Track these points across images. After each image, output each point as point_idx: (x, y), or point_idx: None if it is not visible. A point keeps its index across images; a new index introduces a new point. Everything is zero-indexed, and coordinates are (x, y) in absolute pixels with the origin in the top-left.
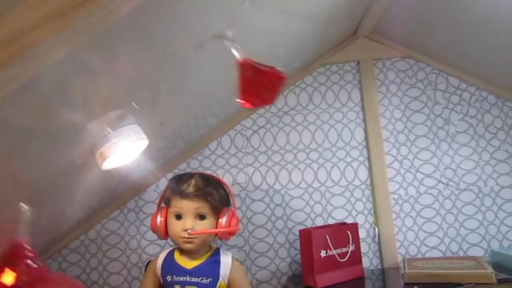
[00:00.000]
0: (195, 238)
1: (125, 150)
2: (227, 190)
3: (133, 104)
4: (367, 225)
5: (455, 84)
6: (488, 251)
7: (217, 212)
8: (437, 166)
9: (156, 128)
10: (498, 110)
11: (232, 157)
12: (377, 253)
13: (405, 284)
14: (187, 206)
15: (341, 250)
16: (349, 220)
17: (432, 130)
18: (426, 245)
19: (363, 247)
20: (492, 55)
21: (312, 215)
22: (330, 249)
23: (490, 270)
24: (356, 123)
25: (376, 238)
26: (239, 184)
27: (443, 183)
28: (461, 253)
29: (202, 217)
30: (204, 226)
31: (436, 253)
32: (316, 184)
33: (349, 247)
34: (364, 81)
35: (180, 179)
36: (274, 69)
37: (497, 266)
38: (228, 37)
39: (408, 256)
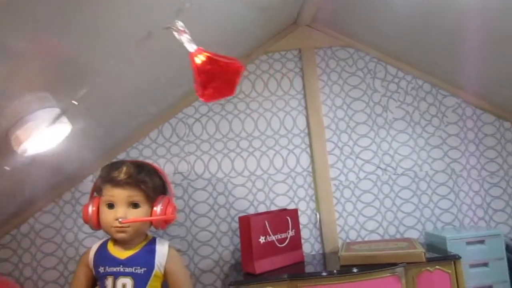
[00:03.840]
0: (128, 227)
1: (44, 134)
2: (163, 178)
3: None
4: (308, 211)
5: (393, 73)
6: (423, 233)
7: (151, 200)
8: (376, 152)
9: (88, 115)
10: (432, 98)
11: (173, 145)
12: (319, 239)
13: (341, 266)
14: (119, 194)
15: (280, 236)
16: (292, 207)
17: (371, 117)
18: (366, 229)
19: (305, 233)
20: (428, 46)
21: (255, 203)
22: (269, 235)
23: (420, 249)
24: (298, 110)
25: (318, 224)
26: (181, 173)
27: (381, 168)
28: (398, 236)
29: (135, 205)
30: (138, 215)
31: (375, 237)
32: (259, 172)
33: (288, 232)
34: (306, 69)
35: (111, 167)
36: (231, 59)
37: (430, 246)
38: (179, 28)
39: (348, 240)
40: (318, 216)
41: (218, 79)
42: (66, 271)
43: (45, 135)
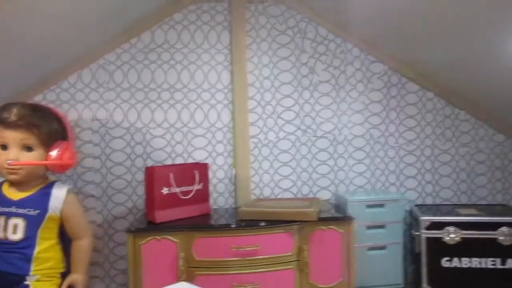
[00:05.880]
0: (20, 169)
1: None
2: (63, 123)
3: None
4: (225, 167)
5: (323, 34)
6: (335, 195)
7: (47, 145)
8: (297, 114)
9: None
10: (360, 63)
11: (92, 92)
12: (233, 193)
13: (239, 220)
14: (11, 136)
15: (186, 188)
16: (209, 161)
17: (297, 78)
18: (280, 187)
19: (220, 187)
20: (358, 10)
21: (173, 155)
22: (173, 187)
23: (313, 209)
24: (223, 65)
25: (233, 179)
26: (99, 120)
27: (301, 130)
28: (311, 195)
29: (29, 148)
30: (31, 158)
31: (288, 195)
32: (178, 125)
33: (195, 186)
34: (235, 23)
35: (3, 108)
36: None
37: (337, 207)
38: None
39: (261, 197)
40: (234, 171)
41: None
42: None
43: None
